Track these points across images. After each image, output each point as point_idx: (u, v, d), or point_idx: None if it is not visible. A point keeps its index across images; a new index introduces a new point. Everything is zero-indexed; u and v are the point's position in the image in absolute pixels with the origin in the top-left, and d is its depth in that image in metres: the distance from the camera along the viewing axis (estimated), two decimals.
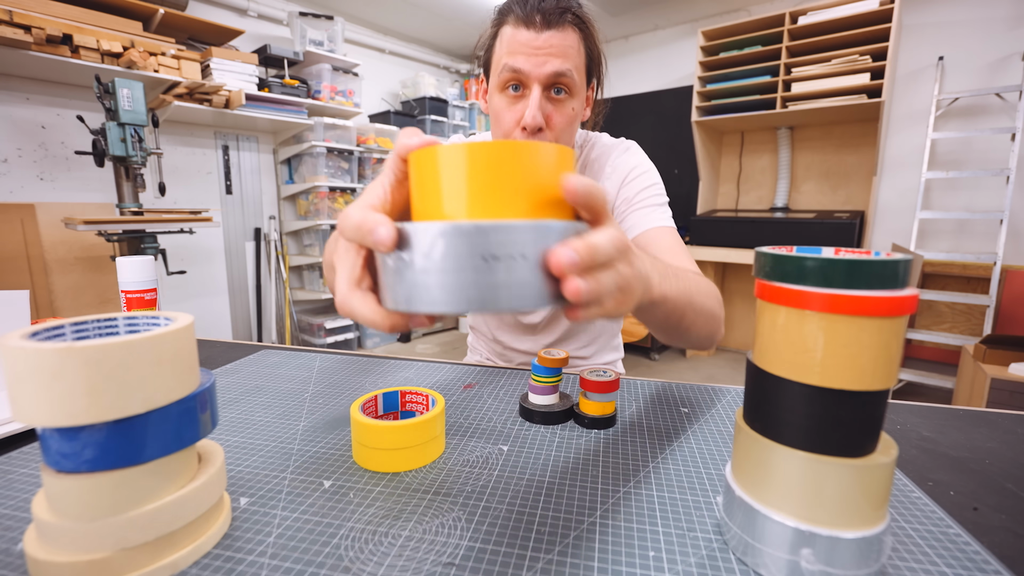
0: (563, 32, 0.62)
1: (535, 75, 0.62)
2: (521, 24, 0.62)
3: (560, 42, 0.62)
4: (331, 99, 2.83)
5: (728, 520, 0.31)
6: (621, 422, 0.49)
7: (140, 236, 1.96)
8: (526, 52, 0.62)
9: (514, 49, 0.62)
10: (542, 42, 0.61)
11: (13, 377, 0.25)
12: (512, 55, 0.62)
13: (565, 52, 0.62)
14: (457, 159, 0.25)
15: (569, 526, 0.33)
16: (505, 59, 0.63)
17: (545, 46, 0.61)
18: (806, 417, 0.27)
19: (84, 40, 1.90)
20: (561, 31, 0.62)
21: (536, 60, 0.62)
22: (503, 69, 0.63)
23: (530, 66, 0.62)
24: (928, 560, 0.30)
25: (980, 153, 2.50)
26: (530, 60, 0.62)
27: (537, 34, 0.61)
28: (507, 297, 0.24)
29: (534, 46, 0.61)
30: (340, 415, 0.50)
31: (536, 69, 0.62)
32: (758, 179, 3.19)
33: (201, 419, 0.30)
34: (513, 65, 0.62)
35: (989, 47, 2.43)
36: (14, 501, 0.35)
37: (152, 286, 0.63)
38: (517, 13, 0.62)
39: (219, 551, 0.30)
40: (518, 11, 0.62)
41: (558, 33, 0.62)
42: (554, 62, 0.62)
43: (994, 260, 2.30)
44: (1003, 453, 0.45)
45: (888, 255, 0.25)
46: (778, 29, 2.63)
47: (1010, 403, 1.72)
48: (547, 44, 0.61)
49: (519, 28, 0.62)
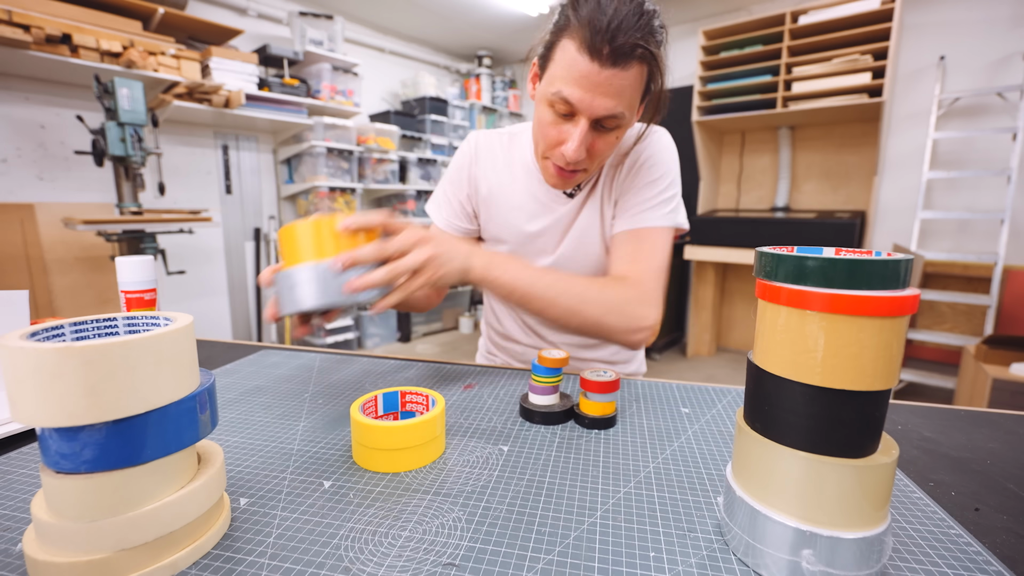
0: (627, 71, 0.56)
1: (586, 110, 0.58)
2: (585, 50, 0.55)
3: (620, 82, 0.57)
4: (331, 99, 2.83)
5: (729, 520, 0.31)
6: (621, 422, 0.49)
7: (140, 236, 1.96)
8: (583, 85, 0.57)
9: (571, 75, 0.57)
10: (603, 79, 0.56)
11: (12, 377, 0.24)
12: (567, 82, 0.58)
13: (622, 93, 0.57)
14: (288, 235, 0.46)
15: (569, 526, 0.33)
16: (559, 83, 0.58)
17: (604, 83, 0.56)
18: (807, 417, 0.26)
19: (83, 40, 1.90)
20: (626, 70, 0.56)
21: (591, 96, 0.57)
22: (556, 91, 0.59)
23: (583, 101, 0.58)
24: (929, 561, 0.30)
25: (981, 153, 2.50)
26: (585, 95, 0.57)
27: (600, 69, 0.55)
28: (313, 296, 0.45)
29: (593, 81, 0.56)
30: (340, 415, 0.50)
31: (588, 105, 0.58)
32: (759, 179, 3.19)
33: (201, 419, 0.30)
34: (566, 95, 0.58)
35: (990, 47, 2.43)
36: (13, 501, 0.35)
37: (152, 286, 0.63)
38: (586, 32, 0.55)
39: (219, 551, 0.30)
40: (588, 30, 0.55)
41: (621, 72, 0.56)
42: (608, 103, 0.57)
43: (995, 260, 2.30)
44: (1004, 454, 0.44)
45: (889, 255, 0.25)
46: (779, 28, 2.62)
47: (1011, 403, 1.72)
48: (607, 82, 0.56)
49: (582, 53, 0.56)
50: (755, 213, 3.04)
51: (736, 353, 3.34)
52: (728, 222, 2.90)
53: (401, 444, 0.39)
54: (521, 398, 0.52)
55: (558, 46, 0.60)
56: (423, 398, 0.46)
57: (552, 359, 0.49)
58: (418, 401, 0.46)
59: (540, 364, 0.50)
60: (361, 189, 3.00)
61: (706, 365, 3.09)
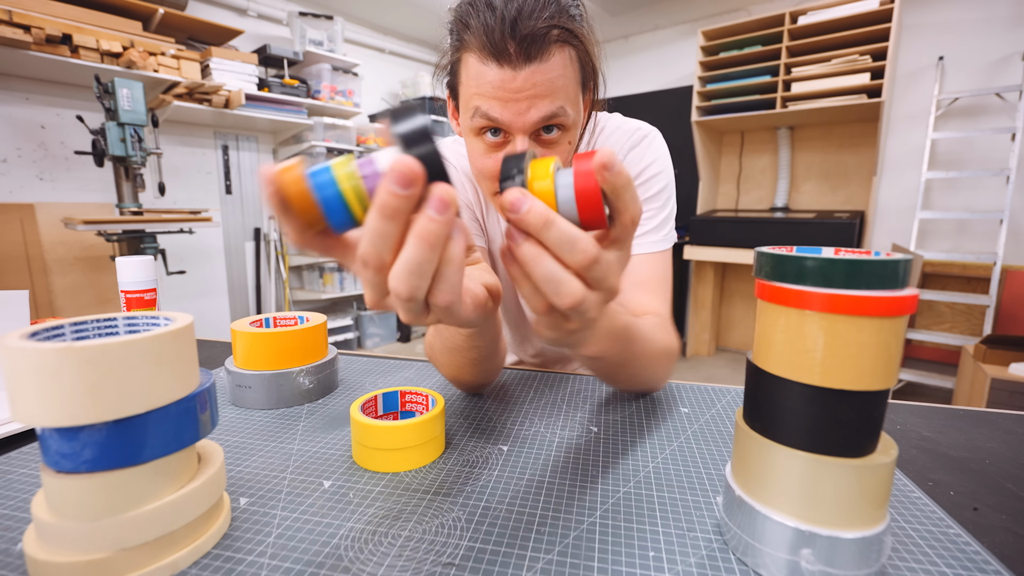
0: (548, 62, 0.46)
1: (518, 125, 0.48)
2: (490, 58, 0.46)
3: (545, 76, 0.46)
4: (331, 99, 2.83)
5: (728, 520, 0.31)
6: (621, 422, 0.49)
7: (140, 236, 1.96)
8: (501, 97, 0.47)
9: (485, 91, 0.47)
10: (522, 82, 0.46)
11: (13, 377, 0.25)
12: (483, 99, 0.48)
13: (553, 87, 0.47)
14: None
15: (569, 526, 0.33)
16: (475, 101, 0.48)
17: (526, 86, 0.46)
18: (806, 417, 0.27)
19: (84, 40, 1.90)
20: (546, 61, 0.46)
21: (517, 107, 0.47)
22: (475, 113, 0.49)
23: (510, 115, 0.48)
24: (928, 560, 0.30)
25: (980, 153, 2.50)
26: (508, 108, 0.47)
27: (514, 72, 0.46)
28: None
29: (511, 88, 0.46)
30: (340, 415, 0.50)
31: (518, 118, 0.48)
32: (758, 179, 3.19)
33: (201, 419, 0.30)
34: (488, 113, 0.48)
35: (989, 47, 2.44)
36: (14, 501, 0.35)
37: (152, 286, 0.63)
38: (481, 36, 0.46)
39: (219, 551, 0.30)
40: (482, 33, 0.46)
41: (542, 66, 0.46)
42: (541, 105, 0.47)
43: (994, 260, 2.30)
44: (1003, 453, 0.44)
45: (888, 255, 0.25)
46: (778, 29, 2.63)
47: (1010, 403, 1.72)
48: (529, 84, 0.46)
49: (487, 62, 0.46)
50: (754, 213, 3.04)
51: (735, 353, 3.34)
52: (727, 222, 2.90)
53: (401, 444, 0.39)
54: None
55: (461, 66, 0.50)
56: (423, 398, 0.46)
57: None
58: (418, 401, 0.46)
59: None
60: None
61: (705, 365, 3.10)
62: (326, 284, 2.96)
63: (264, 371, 0.51)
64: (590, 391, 0.57)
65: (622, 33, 3.58)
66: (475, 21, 0.47)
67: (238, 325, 0.54)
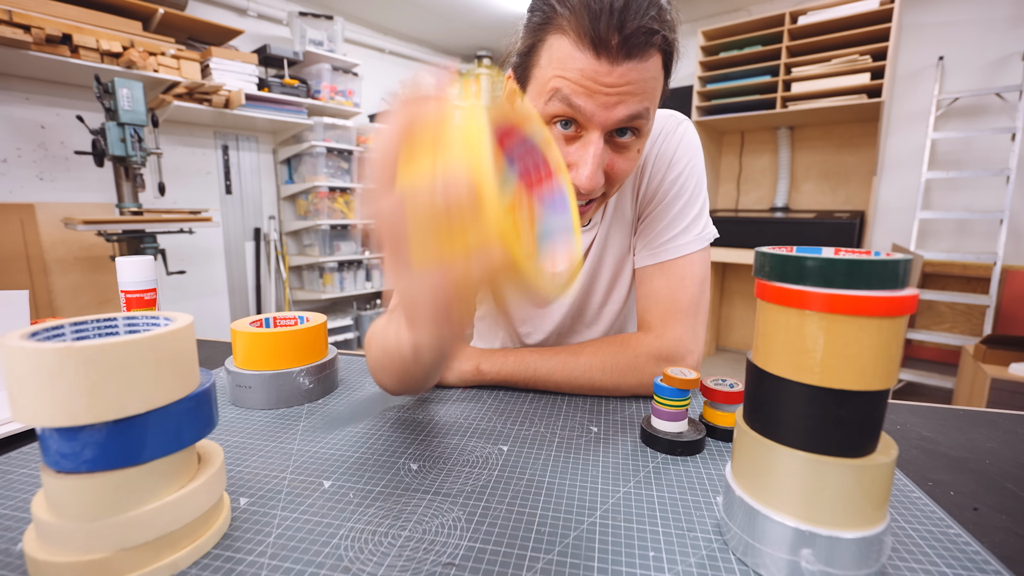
0: (646, 63, 0.44)
1: (599, 120, 0.45)
2: (587, 43, 0.42)
3: (640, 76, 0.44)
4: (331, 99, 2.83)
5: (728, 520, 0.31)
6: (621, 422, 0.49)
7: (140, 236, 1.96)
8: (590, 87, 0.44)
9: (572, 76, 0.44)
10: (616, 77, 0.43)
11: (13, 377, 0.25)
12: (568, 84, 0.44)
13: (644, 89, 0.45)
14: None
15: (569, 526, 0.33)
16: (557, 83, 0.45)
17: (620, 83, 0.43)
18: (806, 417, 0.27)
19: (84, 40, 1.90)
20: (643, 61, 0.43)
21: (605, 100, 0.44)
22: (553, 97, 0.45)
23: (594, 107, 0.44)
24: (928, 560, 0.30)
25: (980, 153, 2.50)
26: (596, 100, 0.44)
27: (611, 67, 0.43)
28: None
29: (604, 82, 0.43)
30: (340, 415, 0.50)
31: (602, 112, 0.45)
32: (758, 179, 3.19)
33: (201, 419, 0.30)
34: (571, 99, 0.44)
35: (989, 47, 2.44)
36: (14, 501, 0.35)
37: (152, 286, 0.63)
38: (583, 19, 0.42)
39: (219, 551, 0.30)
40: (586, 16, 0.42)
41: (639, 65, 0.43)
42: (629, 104, 0.45)
43: (994, 260, 2.30)
44: (1003, 453, 0.44)
45: (888, 255, 0.25)
46: (778, 29, 2.63)
47: (1010, 403, 1.72)
48: (623, 80, 0.43)
49: (583, 48, 0.43)
50: (754, 213, 3.04)
51: (736, 353, 3.34)
52: (728, 222, 2.90)
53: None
54: (642, 420, 0.45)
55: (543, 46, 0.46)
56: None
57: (680, 379, 0.42)
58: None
59: (665, 384, 0.42)
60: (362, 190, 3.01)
61: (706, 365, 3.10)
62: (326, 284, 2.96)
63: (264, 371, 0.51)
64: None
65: None
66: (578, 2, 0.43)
67: (238, 325, 0.54)
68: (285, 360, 0.52)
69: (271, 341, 0.52)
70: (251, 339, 0.52)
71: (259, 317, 0.57)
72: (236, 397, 0.52)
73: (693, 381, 0.42)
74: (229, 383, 0.53)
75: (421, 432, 0.46)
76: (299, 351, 0.53)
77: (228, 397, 0.54)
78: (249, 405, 0.52)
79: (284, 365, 0.52)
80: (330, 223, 2.82)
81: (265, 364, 0.52)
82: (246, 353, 0.52)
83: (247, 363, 0.52)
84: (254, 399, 0.52)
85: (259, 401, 0.52)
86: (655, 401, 0.44)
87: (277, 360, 0.52)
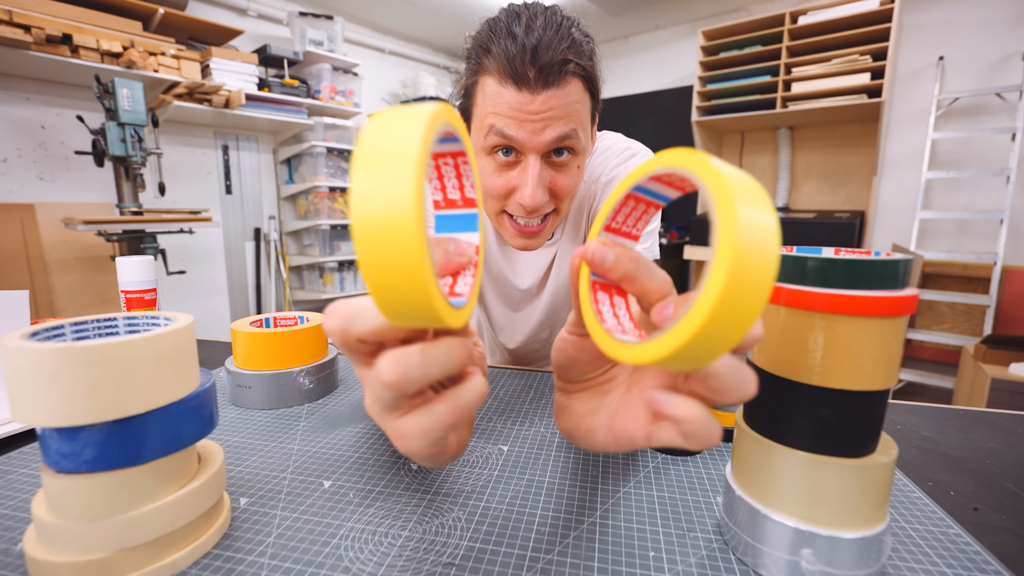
0: (564, 88, 0.48)
1: (532, 145, 0.50)
2: (508, 80, 0.48)
3: (561, 102, 0.49)
4: (331, 99, 2.83)
5: (728, 520, 0.31)
6: None
7: (140, 236, 1.96)
8: (518, 117, 0.49)
9: (502, 111, 0.49)
10: (539, 105, 0.48)
11: (13, 377, 0.25)
12: (500, 118, 0.49)
13: (567, 112, 0.49)
14: None
15: (569, 526, 0.33)
16: (491, 119, 0.50)
17: (543, 109, 0.48)
18: (806, 417, 0.27)
19: (84, 40, 1.90)
20: (562, 88, 0.48)
21: (532, 127, 0.49)
22: (489, 132, 0.50)
23: (525, 134, 0.49)
24: (928, 560, 0.30)
25: (980, 153, 2.50)
26: (524, 127, 0.49)
27: (532, 96, 0.48)
28: None
29: (528, 111, 0.48)
30: (340, 415, 0.50)
31: (533, 138, 0.49)
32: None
33: (201, 419, 0.30)
34: (503, 131, 0.49)
35: (989, 47, 2.44)
36: (14, 501, 0.35)
37: (152, 286, 0.63)
38: (502, 62, 0.48)
39: (219, 551, 0.30)
40: (503, 59, 0.48)
41: (558, 91, 0.48)
42: (556, 127, 0.49)
43: (994, 260, 2.30)
44: (1003, 453, 0.44)
45: (888, 255, 0.25)
46: (778, 29, 2.63)
47: (1010, 403, 1.72)
48: (545, 107, 0.48)
49: (506, 84, 0.48)
50: None
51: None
52: None
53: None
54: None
55: (477, 88, 0.52)
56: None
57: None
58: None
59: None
60: None
61: None
62: (326, 284, 2.96)
63: (264, 371, 0.51)
64: None
65: (622, 33, 3.58)
66: (496, 48, 0.49)
67: (238, 325, 0.54)
68: (285, 360, 0.52)
69: (271, 341, 0.52)
70: (251, 339, 0.52)
71: (259, 317, 0.57)
72: (236, 397, 0.52)
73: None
74: (229, 383, 0.53)
75: None
76: (299, 351, 0.53)
77: (228, 397, 0.54)
78: (249, 405, 0.52)
79: (284, 365, 0.52)
80: (330, 223, 2.82)
81: (265, 364, 0.52)
82: (246, 353, 0.52)
83: (247, 363, 0.52)
84: (254, 399, 0.52)
85: (259, 401, 0.52)
86: None
87: (277, 360, 0.52)
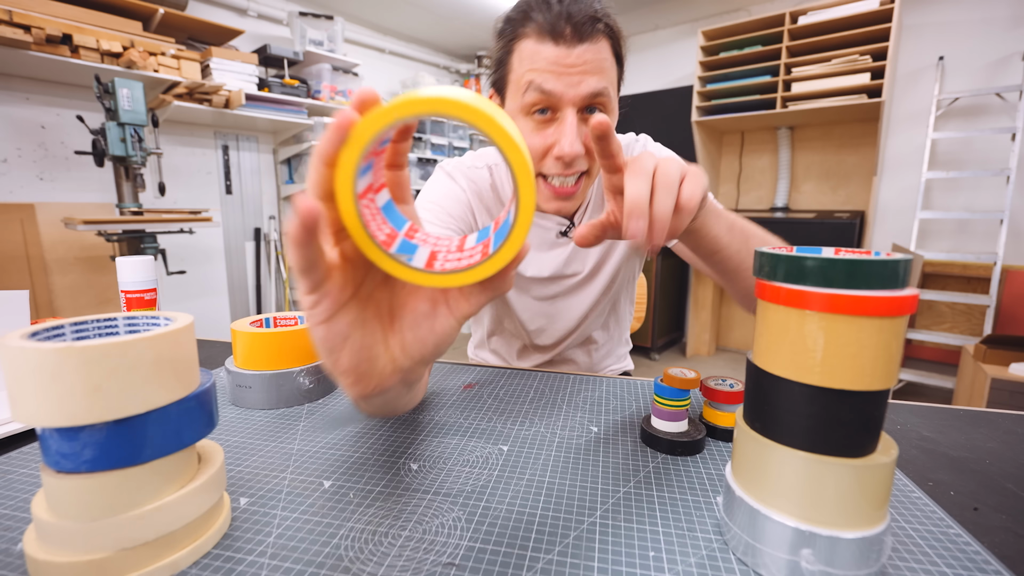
0: (596, 44, 0.54)
1: (569, 97, 0.54)
2: (547, 37, 0.53)
3: (595, 56, 0.54)
4: (331, 99, 2.83)
5: (728, 520, 0.31)
6: (621, 422, 0.49)
7: (140, 236, 1.96)
8: (556, 71, 0.54)
9: (540, 67, 0.54)
10: (575, 58, 0.53)
11: (13, 377, 0.25)
12: (539, 73, 0.54)
13: (600, 67, 0.55)
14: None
15: (569, 526, 0.33)
16: (530, 76, 0.55)
17: (579, 63, 0.53)
18: (806, 417, 0.27)
19: (84, 40, 1.90)
20: (595, 43, 0.54)
21: (569, 80, 0.54)
22: (528, 88, 0.55)
23: (563, 87, 0.54)
24: (928, 560, 0.30)
25: (980, 153, 2.50)
26: (562, 80, 0.54)
27: (568, 49, 0.53)
28: None
29: (566, 64, 0.53)
30: (340, 415, 0.50)
31: (570, 90, 0.54)
32: (758, 179, 3.19)
33: (201, 419, 0.30)
34: (542, 86, 0.54)
35: (989, 47, 2.43)
36: (14, 501, 0.35)
37: (152, 286, 0.63)
38: (540, 23, 0.54)
39: (219, 551, 0.30)
40: (541, 20, 0.53)
41: (592, 46, 0.54)
42: (590, 81, 0.54)
43: (994, 260, 2.30)
44: (1003, 453, 0.44)
45: (888, 255, 0.25)
46: (778, 29, 2.63)
47: (1010, 403, 1.72)
48: (581, 60, 0.53)
49: (544, 42, 0.54)
50: (754, 213, 3.04)
51: (735, 353, 3.34)
52: None
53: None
54: (642, 420, 0.46)
55: (514, 53, 0.57)
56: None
57: (680, 379, 0.43)
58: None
59: (665, 384, 0.43)
60: None
61: (705, 365, 3.09)
62: None
63: (264, 371, 0.51)
64: (590, 391, 0.57)
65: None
66: (535, 14, 0.54)
67: (238, 325, 0.54)
68: (285, 360, 0.52)
69: (271, 341, 0.52)
70: (251, 339, 0.52)
71: (259, 317, 0.57)
72: (236, 397, 0.52)
73: (693, 381, 0.43)
74: (229, 383, 0.53)
75: (421, 432, 0.47)
76: (299, 351, 0.53)
77: (228, 397, 0.54)
78: (249, 405, 0.52)
79: (284, 365, 0.52)
80: None
81: (265, 364, 0.52)
82: (246, 353, 0.52)
83: (247, 363, 0.52)
84: (254, 399, 0.52)
85: (259, 401, 0.52)
86: (655, 401, 0.45)
87: (277, 360, 0.52)
